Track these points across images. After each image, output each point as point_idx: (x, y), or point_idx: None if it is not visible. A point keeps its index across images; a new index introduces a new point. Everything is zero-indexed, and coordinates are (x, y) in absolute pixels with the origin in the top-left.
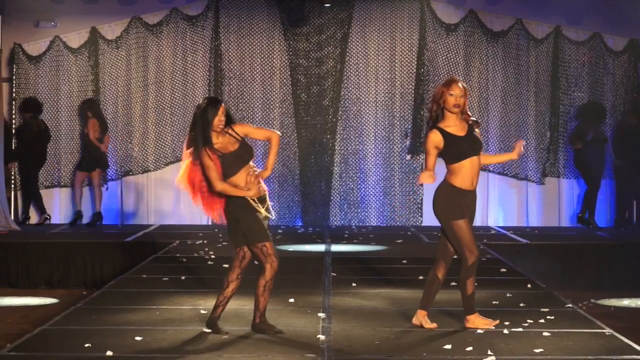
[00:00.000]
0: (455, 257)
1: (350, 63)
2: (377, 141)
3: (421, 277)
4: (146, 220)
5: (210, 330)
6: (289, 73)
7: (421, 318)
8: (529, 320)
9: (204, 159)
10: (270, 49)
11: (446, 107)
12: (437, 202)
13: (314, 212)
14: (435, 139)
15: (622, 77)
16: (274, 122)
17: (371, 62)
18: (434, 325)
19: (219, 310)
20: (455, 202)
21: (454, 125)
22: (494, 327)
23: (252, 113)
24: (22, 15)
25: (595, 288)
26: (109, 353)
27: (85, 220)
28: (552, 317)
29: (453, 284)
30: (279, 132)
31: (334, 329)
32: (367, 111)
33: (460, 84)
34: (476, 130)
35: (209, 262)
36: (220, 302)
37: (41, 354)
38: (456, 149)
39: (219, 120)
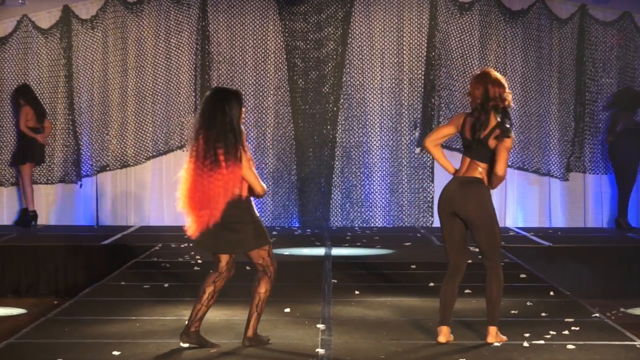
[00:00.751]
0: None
1: (353, 45)
2: (382, 133)
3: (432, 284)
4: (125, 222)
5: (191, 345)
6: (285, 57)
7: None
8: (551, 332)
9: (244, 158)
10: (264, 29)
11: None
12: (489, 201)
13: (313, 212)
14: None
15: None
16: (268, 111)
17: (376, 44)
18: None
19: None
20: None
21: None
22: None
23: (243, 101)
24: None
25: (625, 296)
26: None
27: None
28: (577, 328)
29: (467, 291)
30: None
31: (335, 342)
32: (372, 99)
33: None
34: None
35: (195, 268)
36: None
37: None
38: None
39: (242, 118)
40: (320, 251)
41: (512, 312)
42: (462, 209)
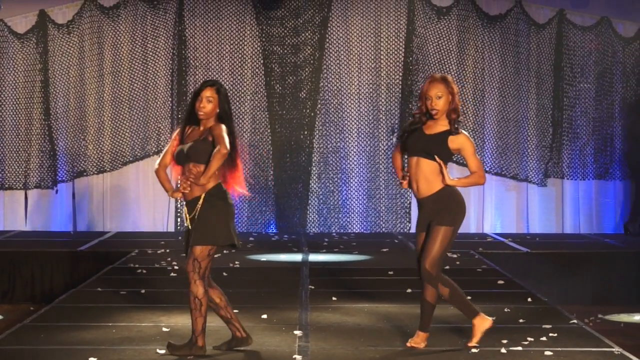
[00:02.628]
0: None
1: (330, 50)
2: (360, 138)
3: (409, 290)
4: (102, 227)
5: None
6: (262, 62)
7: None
8: (529, 338)
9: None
10: (241, 34)
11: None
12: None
13: (290, 218)
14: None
15: (632, 66)
16: (245, 117)
17: (354, 49)
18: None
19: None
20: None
21: (433, 123)
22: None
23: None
24: None
25: (603, 302)
26: None
27: None
28: (555, 335)
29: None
30: (226, 149)
31: (312, 349)
32: (349, 104)
33: (440, 84)
34: (454, 138)
35: (172, 274)
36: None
37: None
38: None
39: (199, 105)
40: (297, 257)
41: (490, 318)
42: None
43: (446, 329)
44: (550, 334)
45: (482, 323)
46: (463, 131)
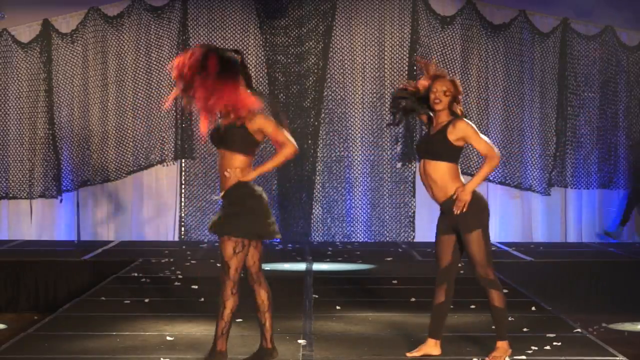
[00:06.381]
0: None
1: (334, 59)
2: (364, 147)
3: (413, 299)
4: (105, 236)
5: None
6: (266, 71)
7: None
8: (533, 347)
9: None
10: (245, 43)
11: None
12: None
13: (294, 227)
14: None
15: (637, 75)
16: None
17: (357, 58)
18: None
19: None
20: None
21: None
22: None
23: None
24: None
25: (607, 311)
26: None
27: None
28: (559, 344)
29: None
30: (295, 148)
31: (316, 358)
32: (353, 113)
33: (449, 83)
34: (452, 127)
35: (176, 283)
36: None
37: None
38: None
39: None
40: (301, 266)
41: (494, 327)
42: None
43: (454, 337)
44: (554, 343)
45: (506, 350)
46: (462, 118)
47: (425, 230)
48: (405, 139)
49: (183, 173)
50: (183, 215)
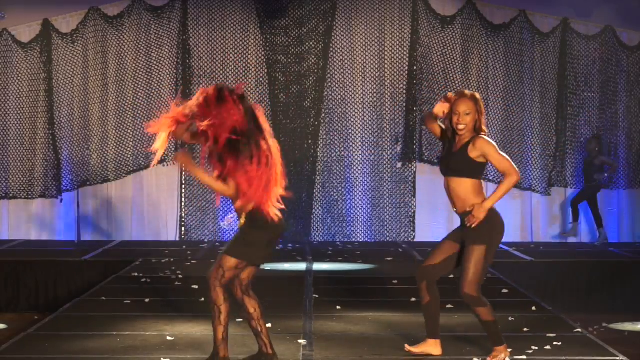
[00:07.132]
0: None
1: (335, 59)
2: (364, 147)
3: (413, 299)
4: (106, 236)
5: None
6: (266, 71)
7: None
8: (533, 347)
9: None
10: (245, 43)
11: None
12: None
13: (294, 227)
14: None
15: (636, 75)
16: None
17: (358, 58)
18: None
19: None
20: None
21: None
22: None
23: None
24: None
25: (608, 311)
26: None
27: None
28: (560, 343)
29: (449, 306)
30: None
31: (316, 357)
32: (354, 113)
33: (470, 101)
34: (472, 146)
35: (176, 283)
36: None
37: None
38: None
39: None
40: (301, 266)
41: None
42: None
43: (454, 338)
44: (555, 343)
45: (504, 351)
46: (482, 136)
47: (425, 230)
48: (405, 139)
49: (183, 173)
50: (183, 215)
